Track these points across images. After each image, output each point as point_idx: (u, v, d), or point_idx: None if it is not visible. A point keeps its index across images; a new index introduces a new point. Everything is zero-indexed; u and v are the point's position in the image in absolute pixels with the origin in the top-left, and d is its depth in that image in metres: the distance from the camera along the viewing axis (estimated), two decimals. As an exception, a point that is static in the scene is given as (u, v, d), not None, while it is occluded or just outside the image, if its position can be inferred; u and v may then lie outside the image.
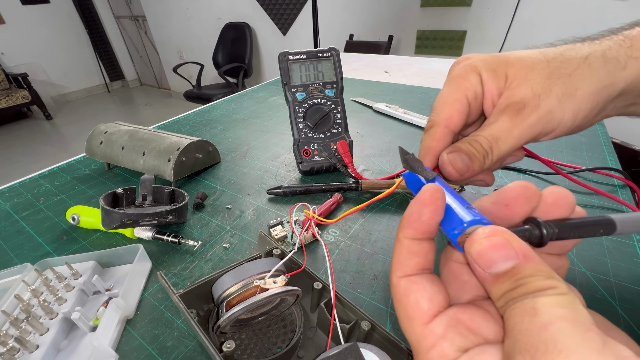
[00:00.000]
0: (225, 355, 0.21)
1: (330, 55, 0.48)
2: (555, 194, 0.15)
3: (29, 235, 0.41)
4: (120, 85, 4.34)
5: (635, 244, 0.34)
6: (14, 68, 3.24)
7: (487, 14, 1.79)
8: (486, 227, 0.13)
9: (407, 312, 0.14)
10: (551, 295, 0.10)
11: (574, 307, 0.10)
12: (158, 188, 0.42)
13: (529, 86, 0.21)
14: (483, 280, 0.13)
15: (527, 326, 0.10)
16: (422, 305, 0.13)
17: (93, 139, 0.53)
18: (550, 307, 0.10)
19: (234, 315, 0.22)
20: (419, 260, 0.15)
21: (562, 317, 0.10)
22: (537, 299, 0.10)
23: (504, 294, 0.12)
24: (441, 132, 0.22)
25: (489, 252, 0.12)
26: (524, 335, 0.10)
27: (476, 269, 0.13)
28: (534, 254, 0.12)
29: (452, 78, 0.23)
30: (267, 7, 2.55)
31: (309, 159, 0.48)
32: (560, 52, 0.21)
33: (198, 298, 0.26)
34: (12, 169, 2.44)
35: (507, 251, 0.12)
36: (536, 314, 0.10)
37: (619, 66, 0.20)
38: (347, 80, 0.94)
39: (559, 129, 0.21)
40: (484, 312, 0.13)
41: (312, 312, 0.28)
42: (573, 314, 0.10)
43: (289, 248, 0.36)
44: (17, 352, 0.26)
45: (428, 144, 0.23)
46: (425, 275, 0.14)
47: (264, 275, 0.24)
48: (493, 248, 0.12)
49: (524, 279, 0.11)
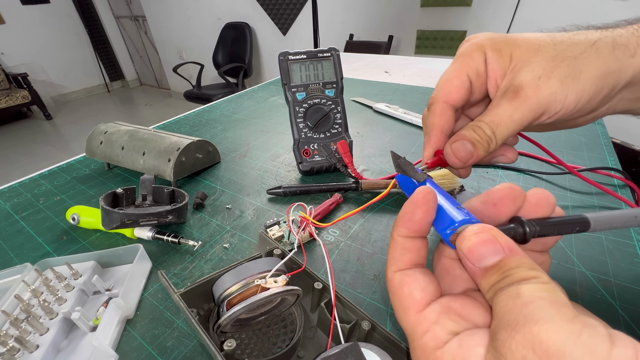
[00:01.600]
0: (226, 354, 0.21)
1: (330, 55, 0.48)
2: (538, 195, 0.16)
3: (29, 235, 0.41)
4: (120, 85, 4.34)
5: (635, 244, 0.34)
6: (14, 68, 3.24)
7: (487, 14, 1.79)
8: (475, 225, 0.14)
9: (402, 302, 0.15)
10: (534, 283, 0.12)
11: (554, 292, 0.11)
12: (158, 188, 0.42)
13: (531, 69, 0.21)
14: (473, 274, 0.14)
15: (511, 306, 0.11)
16: (416, 295, 0.15)
17: (93, 139, 0.53)
18: (532, 291, 0.11)
19: (234, 314, 0.22)
20: (412, 256, 0.16)
21: (542, 297, 0.11)
22: (521, 286, 0.12)
23: (493, 285, 0.13)
24: (440, 108, 0.23)
25: (478, 248, 0.13)
26: (507, 314, 0.11)
27: (467, 264, 0.14)
28: (519, 248, 0.13)
29: (457, 56, 0.23)
30: (267, 7, 2.55)
31: (309, 159, 0.48)
32: (569, 37, 0.21)
33: (199, 297, 0.26)
34: (12, 169, 2.44)
35: (495, 246, 0.13)
36: (519, 296, 0.11)
37: (627, 53, 0.20)
38: (347, 80, 0.94)
39: (561, 111, 0.21)
40: (474, 301, 0.14)
41: (313, 312, 0.28)
42: (552, 296, 0.11)
43: (287, 248, 0.36)
44: (17, 352, 0.26)
45: (430, 120, 0.24)
46: (418, 269, 0.16)
47: (264, 275, 0.24)
48: (482, 244, 0.13)
49: (510, 271, 0.12)
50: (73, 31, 3.74)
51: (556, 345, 0.10)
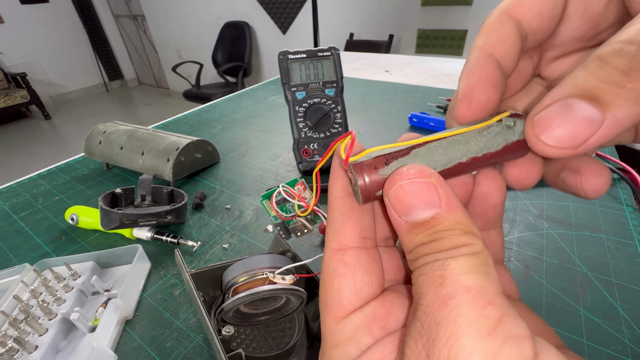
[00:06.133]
0: (223, 338, 0.21)
1: (331, 55, 0.48)
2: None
3: (28, 236, 0.40)
4: (119, 85, 4.33)
5: (636, 244, 0.34)
6: (13, 67, 3.24)
7: (488, 13, 1.78)
8: (413, 166, 0.11)
9: (327, 297, 0.12)
10: (463, 256, 0.09)
11: (484, 270, 0.09)
12: (157, 188, 0.41)
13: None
14: (397, 226, 0.11)
15: (429, 301, 0.09)
16: (344, 296, 0.12)
17: (92, 139, 0.53)
18: (458, 275, 0.09)
19: (239, 301, 0.22)
20: (354, 225, 0.12)
21: (467, 287, 0.09)
22: (448, 265, 0.09)
23: (416, 247, 0.10)
24: (479, 58, 0.13)
25: (409, 197, 0.11)
26: (423, 313, 0.09)
27: (391, 214, 0.11)
28: (459, 203, 0.11)
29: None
30: (267, 6, 2.55)
31: (309, 159, 0.48)
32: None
33: (207, 282, 0.27)
34: (11, 169, 2.44)
35: (430, 196, 0.10)
36: (442, 283, 0.09)
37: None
38: (348, 79, 0.94)
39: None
40: (404, 300, 0.12)
41: (314, 321, 0.28)
42: (479, 281, 0.09)
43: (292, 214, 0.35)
44: (16, 352, 0.25)
45: (463, 85, 0.13)
46: (362, 257, 0.12)
47: (273, 270, 0.24)
48: (414, 193, 0.11)
49: (441, 233, 0.10)
50: (72, 31, 3.73)
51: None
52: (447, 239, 0.10)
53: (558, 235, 0.36)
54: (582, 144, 0.10)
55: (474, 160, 0.12)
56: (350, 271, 0.12)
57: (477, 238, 0.10)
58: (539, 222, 0.38)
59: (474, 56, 0.13)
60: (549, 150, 0.11)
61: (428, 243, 0.10)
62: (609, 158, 0.45)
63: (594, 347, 0.26)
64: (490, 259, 0.10)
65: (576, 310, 0.28)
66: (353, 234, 0.12)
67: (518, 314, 0.09)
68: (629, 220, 0.37)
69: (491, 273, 0.09)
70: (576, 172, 0.13)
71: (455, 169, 0.12)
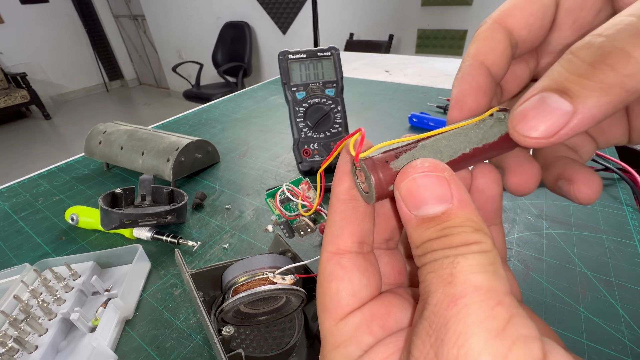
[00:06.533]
0: (223, 338, 0.21)
1: (331, 55, 0.48)
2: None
3: (28, 236, 0.40)
4: (119, 85, 4.33)
5: (636, 244, 0.34)
6: (13, 67, 3.24)
7: (488, 13, 1.78)
8: (427, 160, 0.11)
9: (325, 300, 0.12)
10: (473, 254, 0.09)
11: (493, 269, 0.09)
12: (157, 188, 0.41)
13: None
14: (406, 221, 0.11)
15: (438, 300, 0.09)
16: (342, 298, 0.12)
17: (92, 139, 0.53)
18: (467, 274, 0.09)
19: (239, 301, 0.22)
20: (354, 230, 0.12)
21: (477, 286, 0.09)
22: (457, 262, 0.09)
23: (425, 242, 0.10)
24: (470, 66, 0.14)
25: (421, 190, 0.11)
26: (431, 312, 0.09)
27: (401, 208, 0.11)
28: (470, 200, 0.11)
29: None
30: (267, 6, 2.55)
31: (309, 159, 0.48)
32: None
33: (207, 282, 0.27)
34: (11, 169, 2.44)
35: (443, 191, 0.10)
36: (452, 282, 0.09)
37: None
38: (348, 79, 0.94)
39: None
40: (404, 302, 0.12)
41: (314, 321, 0.28)
42: (489, 281, 0.09)
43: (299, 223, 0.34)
44: (16, 352, 0.25)
45: (455, 92, 0.14)
46: (359, 260, 0.12)
47: (273, 270, 0.24)
48: (427, 186, 0.11)
49: (452, 229, 0.10)
50: (72, 31, 3.73)
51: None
52: (458, 236, 0.10)
53: (558, 235, 0.36)
54: (555, 134, 0.10)
55: (475, 150, 0.13)
56: (348, 274, 0.12)
57: (486, 236, 0.10)
58: (539, 222, 0.38)
59: (467, 64, 0.14)
60: (524, 141, 0.11)
61: (438, 238, 0.10)
62: (609, 158, 0.45)
63: (594, 347, 0.26)
64: (499, 258, 0.10)
65: (576, 310, 0.28)
66: (351, 239, 0.12)
67: (526, 314, 0.09)
68: (629, 220, 0.37)
69: (500, 272, 0.09)
70: (570, 181, 0.14)
71: (460, 160, 0.13)
